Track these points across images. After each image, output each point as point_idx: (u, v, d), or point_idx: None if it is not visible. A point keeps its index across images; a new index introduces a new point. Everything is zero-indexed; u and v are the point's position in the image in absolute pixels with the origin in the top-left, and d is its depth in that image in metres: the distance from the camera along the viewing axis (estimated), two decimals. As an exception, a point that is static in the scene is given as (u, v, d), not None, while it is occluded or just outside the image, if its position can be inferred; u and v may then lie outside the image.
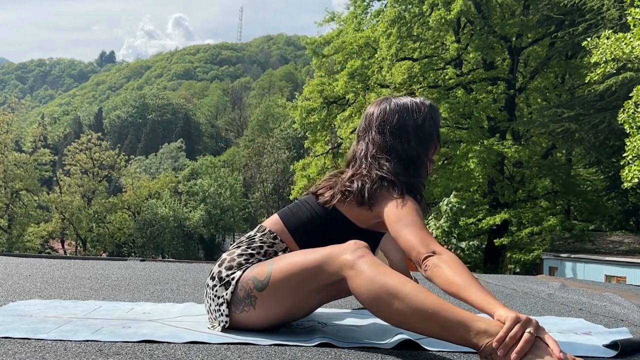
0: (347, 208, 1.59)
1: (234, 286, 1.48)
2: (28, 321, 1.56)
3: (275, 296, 1.45)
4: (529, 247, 17.90)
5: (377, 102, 1.71)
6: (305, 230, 1.60)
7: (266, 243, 1.59)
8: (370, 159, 1.61)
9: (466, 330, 1.20)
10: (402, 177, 1.56)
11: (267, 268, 1.48)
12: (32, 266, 3.50)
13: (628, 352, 1.42)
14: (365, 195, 1.54)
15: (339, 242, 1.55)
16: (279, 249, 1.59)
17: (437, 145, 1.69)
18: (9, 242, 28.24)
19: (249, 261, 1.54)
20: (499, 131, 18.24)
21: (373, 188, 1.54)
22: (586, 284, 3.66)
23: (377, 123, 1.64)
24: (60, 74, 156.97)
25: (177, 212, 35.83)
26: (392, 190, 1.53)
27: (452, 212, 14.46)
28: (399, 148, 1.60)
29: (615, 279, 14.62)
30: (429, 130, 1.65)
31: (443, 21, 17.42)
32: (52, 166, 32.49)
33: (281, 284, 1.45)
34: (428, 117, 1.65)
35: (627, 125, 10.02)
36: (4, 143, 28.26)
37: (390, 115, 1.63)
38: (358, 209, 1.57)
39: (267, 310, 1.47)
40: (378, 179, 1.55)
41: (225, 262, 1.56)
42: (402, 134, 1.61)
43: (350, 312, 1.99)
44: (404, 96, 1.71)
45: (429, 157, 1.66)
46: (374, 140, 1.63)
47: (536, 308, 2.38)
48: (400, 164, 1.58)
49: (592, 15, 15.16)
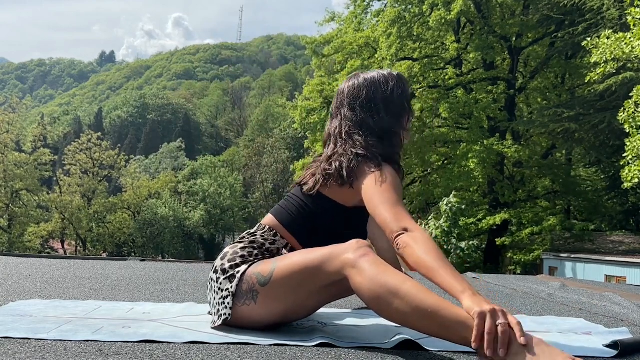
0: (331, 191, 1.61)
1: (238, 279, 1.50)
2: (28, 321, 1.56)
3: (277, 293, 1.46)
4: (529, 247, 17.90)
5: (347, 79, 1.73)
6: (298, 223, 1.63)
7: (268, 240, 1.61)
8: (344, 136, 1.63)
9: (466, 329, 1.21)
10: (376, 149, 1.58)
11: (271, 265, 1.49)
12: (32, 266, 3.50)
13: (628, 352, 1.42)
14: (344, 174, 1.56)
15: (332, 227, 1.59)
16: (280, 245, 1.61)
17: (409, 114, 1.71)
18: (9, 242, 28.24)
19: (252, 254, 1.56)
20: (499, 131, 18.24)
21: (350, 166, 1.56)
22: (586, 284, 3.66)
23: (348, 100, 1.66)
24: (60, 74, 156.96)
25: (177, 212, 35.83)
26: (369, 165, 1.55)
27: (452, 212, 14.47)
28: (370, 121, 1.62)
29: (615, 279, 14.63)
30: (398, 101, 1.66)
31: (443, 21, 17.42)
32: (52, 166, 32.48)
33: (283, 281, 1.46)
34: (396, 87, 1.67)
35: (627, 125, 10.02)
36: (4, 143, 28.25)
37: (360, 91, 1.65)
38: (341, 189, 1.59)
39: (268, 306, 1.48)
40: (354, 156, 1.57)
41: (228, 255, 1.57)
42: (372, 107, 1.63)
43: (350, 312, 1.99)
44: (373, 70, 1.73)
45: (403, 127, 1.69)
46: (346, 117, 1.65)
47: (536, 308, 2.38)
48: (373, 137, 1.60)
49: (592, 15, 15.16)
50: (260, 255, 1.57)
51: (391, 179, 1.51)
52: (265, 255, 1.58)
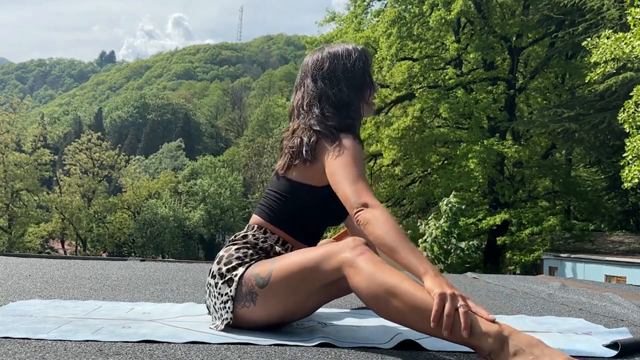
0: (299, 174, 1.61)
1: (237, 283, 1.49)
2: (28, 321, 1.56)
3: (276, 294, 1.46)
4: (529, 247, 17.90)
5: (312, 52, 1.74)
6: (281, 216, 1.62)
7: (259, 238, 1.61)
8: (305, 107, 1.64)
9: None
10: (333, 121, 1.59)
11: (269, 266, 1.49)
12: (32, 266, 3.50)
13: (628, 352, 1.42)
14: (304, 151, 1.57)
15: (312, 211, 1.59)
16: (272, 240, 1.61)
17: (371, 88, 1.70)
18: (9, 242, 28.23)
19: (247, 255, 1.56)
20: (499, 131, 18.24)
21: (310, 142, 1.57)
22: (586, 284, 3.66)
23: (311, 72, 1.67)
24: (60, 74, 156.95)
25: (177, 212, 35.82)
26: (327, 140, 1.55)
27: (452, 212, 14.44)
28: (330, 93, 1.62)
29: (615, 279, 14.63)
30: (359, 73, 1.66)
31: (443, 21, 17.42)
32: (52, 166, 32.48)
33: (282, 281, 1.45)
34: (358, 61, 1.67)
35: (627, 125, 10.01)
36: (4, 143, 28.25)
37: (322, 63, 1.66)
38: (307, 168, 1.59)
39: (267, 308, 1.48)
40: (312, 133, 1.58)
41: (223, 259, 1.57)
42: (332, 78, 1.64)
43: (350, 312, 1.99)
44: (338, 44, 1.73)
45: (364, 100, 1.68)
46: (308, 89, 1.66)
47: (536, 308, 2.38)
48: (331, 108, 1.61)
49: (592, 15, 15.16)
50: (255, 254, 1.57)
51: (350, 151, 1.51)
52: (260, 253, 1.57)
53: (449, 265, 14.16)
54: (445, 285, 1.24)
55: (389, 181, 20.57)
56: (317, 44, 21.23)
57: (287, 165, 1.62)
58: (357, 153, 1.52)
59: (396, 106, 20.20)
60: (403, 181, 21.04)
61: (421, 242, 14.98)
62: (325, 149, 1.54)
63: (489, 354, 1.19)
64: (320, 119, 1.59)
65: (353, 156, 1.50)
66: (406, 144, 18.28)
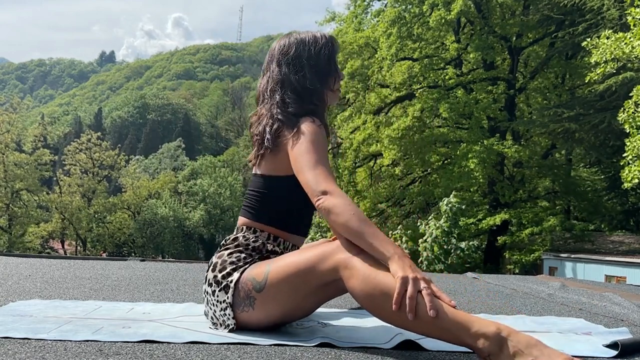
0: (268, 166, 1.61)
1: (233, 289, 1.49)
2: (28, 321, 1.56)
3: (273, 297, 1.45)
4: (529, 247, 17.89)
5: (280, 38, 1.73)
6: (265, 213, 1.61)
7: (250, 239, 1.60)
8: (269, 92, 1.64)
9: (462, 331, 1.21)
10: (293, 106, 1.59)
11: (265, 269, 1.48)
12: (32, 266, 3.50)
13: (628, 352, 1.42)
14: (266, 140, 1.57)
15: (292, 202, 1.58)
16: (263, 238, 1.60)
17: (336, 76, 1.69)
18: (9, 242, 28.23)
19: (240, 258, 1.55)
20: (499, 131, 18.23)
21: (272, 130, 1.57)
22: (586, 284, 3.66)
23: (277, 57, 1.67)
24: (60, 74, 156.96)
25: (177, 212, 35.82)
26: (287, 127, 1.55)
27: (452, 212, 14.43)
28: (293, 78, 1.62)
29: (615, 279, 14.62)
30: (324, 60, 1.65)
31: (443, 21, 17.42)
32: (52, 166, 32.47)
33: (278, 284, 1.45)
34: (324, 48, 1.66)
35: (627, 125, 10.01)
36: (4, 143, 28.25)
37: (288, 48, 1.66)
38: (274, 158, 1.59)
39: (266, 311, 1.47)
40: (275, 120, 1.57)
41: (217, 265, 1.55)
42: (297, 64, 1.63)
43: (350, 312, 1.99)
44: (307, 31, 1.72)
45: (328, 87, 1.67)
46: (272, 74, 1.66)
47: (536, 308, 2.37)
48: (293, 94, 1.60)
49: (592, 15, 15.16)
50: (248, 257, 1.56)
51: (309, 136, 1.50)
52: (252, 255, 1.56)
53: (449, 265, 14.15)
54: (409, 269, 1.26)
55: (389, 181, 20.57)
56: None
57: (257, 155, 1.62)
58: (316, 137, 1.51)
59: (396, 106, 20.20)
60: (403, 181, 21.03)
61: (421, 242, 14.98)
62: (284, 137, 1.55)
63: (488, 355, 1.19)
64: (281, 105, 1.59)
65: (311, 141, 1.50)
66: (406, 144, 18.28)
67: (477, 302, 2.50)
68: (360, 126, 19.43)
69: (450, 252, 14.36)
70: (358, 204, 19.53)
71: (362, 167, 20.43)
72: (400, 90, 19.51)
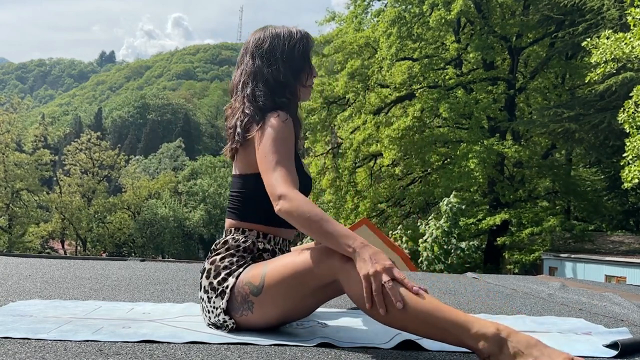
0: (243, 164, 1.62)
1: (229, 294, 1.48)
2: (28, 321, 1.56)
3: (271, 300, 1.45)
4: (529, 247, 17.89)
5: (256, 31, 1.73)
6: (248, 212, 1.60)
7: (239, 239, 1.59)
8: (242, 85, 1.64)
9: (463, 332, 1.21)
10: (263, 100, 1.58)
11: (261, 271, 1.47)
12: (32, 266, 3.50)
13: (628, 352, 1.42)
14: (237, 134, 1.58)
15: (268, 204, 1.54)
16: (253, 237, 1.59)
17: (309, 72, 1.68)
18: (9, 242, 28.24)
19: (233, 262, 1.54)
20: (499, 131, 18.24)
21: (243, 124, 1.57)
22: (586, 284, 3.66)
23: (251, 50, 1.66)
24: (60, 74, 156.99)
25: (177, 212, 35.84)
26: (254, 121, 1.56)
27: (452, 212, 14.44)
28: (265, 71, 1.62)
29: (615, 279, 14.62)
30: (298, 55, 1.65)
31: (443, 21, 17.42)
32: (52, 166, 32.48)
33: (275, 287, 1.44)
34: (299, 43, 1.66)
35: (627, 125, 10.01)
36: (4, 143, 28.24)
37: (263, 41, 1.65)
38: (246, 154, 1.60)
39: (265, 314, 1.47)
40: (244, 114, 1.57)
41: (211, 271, 1.55)
42: (270, 57, 1.63)
43: (350, 312, 1.98)
44: (283, 26, 1.71)
45: (301, 82, 1.66)
46: (246, 66, 1.66)
47: (536, 308, 2.37)
48: (265, 88, 1.60)
49: (592, 15, 15.16)
50: (241, 259, 1.55)
51: (272, 134, 1.50)
52: (244, 256, 1.56)
53: (449, 265, 14.16)
54: (369, 263, 1.27)
55: (389, 181, 20.57)
56: (318, 44, 21.26)
57: (231, 149, 1.63)
58: (279, 134, 1.50)
59: (396, 106, 20.20)
60: (403, 181, 21.03)
61: (421, 242, 14.98)
62: (252, 132, 1.55)
63: (488, 356, 1.18)
64: (251, 98, 1.59)
65: (274, 139, 1.49)
66: (406, 144, 18.29)
67: (477, 302, 2.49)
68: (360, 126, 19.43)
69: (450, 252, 14.36)
70: (358, 204, 19.55)
71: (362, 167, 20.44)
72: (400, 90, 19.52)
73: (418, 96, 18.99)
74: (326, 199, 20.61)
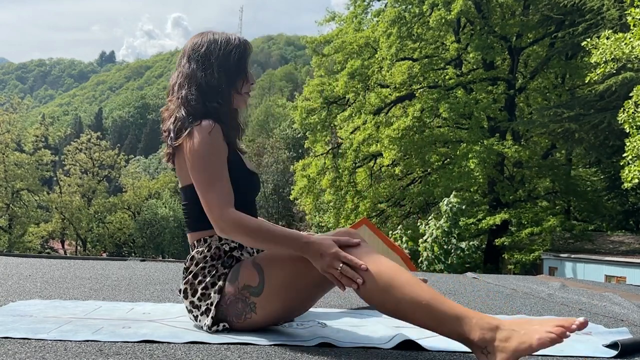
0: (180, 172, 1.62)
1: (214, 311, 1.49)
2: (28, 321, 1.56)
3: (274, 297, 1.46)
4: (529, 247, 17.89)
5: (195, 35, 1.72)
6: (202, 221, 1.57)
7: (204, 250, 1.57)
8: (177, 87, 1.64)
9: (459, 323, 1.22)
10: (194, 104, 1.58)
11: (255, 271, 1.48)
12: (32, 266, 3.50)
13: (628, 352, 1.42)
14: (169, 139, 1.58)
15: None
16: (215, 243, 1.58)
17: (245, 79, 1.67)
18: (9, 242, 28.23)
19: (206, 275, 1.53)
20: (499, 131, 18.24)
21: (175, 128, 1.57)
22: (586, 284, 3.66)
23: (188, 52, 1.66)
24: (60, 74, 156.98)
25: (177, 212, 35.79)
26: (184, 126, 1.55)
27: (452, 212, 14.45)
28: (199, 75, 1.61)
29: (615, 279, 14.62)
30: (234, 61, 1.64)
31: (443, 21, 17.42)
32: (53, 166, 32.47)
33: (276, 286, 1.45)
34: (236, 49, 1.65)
35: (627, 125, 10.02)
36: (5, 143, 28.24)
37: (200, 46, 1.65)
38: (180, 158, 1.60)
39: (268, 312, 1.48)
40: (177, 118, 1.57)
41: (189, 292, 1.55)
42: (205, 62, 1.62)
43: (350, 312, 1.98)
44: (223, 32, 1.71)
45: (236, 89, 1.65)
46: (182, 69, 1.65)
47: (536, 308, 2.37)
48: (197, 91, 1.60)
49: (592, 15, 15.16)
50: (212, 268, 1.54)
51: (198, 150, 1.51)
52: (214, 264, 1.54)
53: (449, 265, 14.17)
54: (318, 258, 1.36)
55: (389, 181, 20.57)
56: (318, 44, 21.26)
57: (167, 154, 1.64)
58: (206, 147, 1.51)
59: (396, 106, 20.20)
60: (403, 181, 21.03)
61: (421, 242, 14.99)
62: (181, 140, 1.55)
63: (485, 347, 1.19)
64: (184, 101, 1.59)
65: (201, 156, 1.51)
66: (406, 144, 18.28)
67: (477, 302, 2.50)
68: (360, 126, 19.43)
69: (451, 252, 14.37)
70: (358, 204, 19.55)
71: (362, 167, 20.43)
72: (400, 90, 19.52)
73: (418, 96, 18.99)
74: (326, 199, 20.61)
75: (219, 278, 1.52)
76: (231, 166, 1.57)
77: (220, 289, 1.50)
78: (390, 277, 1.29)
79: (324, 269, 1.35)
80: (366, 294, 1.33)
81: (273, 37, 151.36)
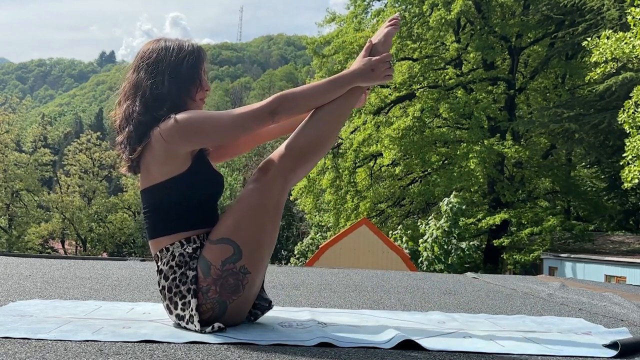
0: (145, 176, 1.63)
1: (197, 315, 1.49)
2: (28, 321, 1.56)
3: (253, 244, 1.52)
4: (528, 247, 17.89)
5: (148, 42, 1.70)
6: (167, 224, 1.57)
7: (168, 259, 1.55)
8: (122, 98, 1.62)
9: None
10: (139, 115, 1.55)
11: (221, 244, 1.50)
12: (32, 266, 3.50)
13: (628, 352, 1.42)
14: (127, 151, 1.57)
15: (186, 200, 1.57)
16: (179, 248, 1.55)
17: (200, 86, 1.64)
18: (9, 242, 28.23)
19: (178, 285, 1.52)
20: (499, 131, 18.23)
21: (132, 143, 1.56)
22: (586, 284, 3.66)
23: (138, 61, 1.63)
24: (60, 74, 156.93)
25: (177, 212, 35.87)
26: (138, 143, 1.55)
27: (452, 212, 14.46)
28: (144, 84, 1.58)
29: (615, 279, 14.62)
30: (186, 68, 1.61)
31: (443, 21, 17.41)
32: (52, 166, 32.47)
33: (246, 232, 1.51)
34: (188, 56, 1.63)
35: (627, 125, 10.02)
36: (4, 143, 28.23)
37: (151, 53, 1.62)
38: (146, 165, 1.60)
39: (259, 262, 1.53)
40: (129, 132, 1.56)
41: (171, 307, 1.54)
42: (154, 70, 1.59)
43: (350, 312, 1.99)
44: (176, 39, 1.68)
45: (190, 96, 1.62)
46: (130, 78, 1.63)
47: (536, 308, 2.38)
48: (141, 103, 1.57)
49: (592, 15, 15.16)
50: (183, 277, 1.52)
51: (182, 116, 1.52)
52: (184, 271, 1.52)
53: (449, 265, 14.17)
54: (370, 72, 1.62)
55: (389, 181, 20.57)
56: (318, 45, 21.26)
57: (128, 167, 1.62)
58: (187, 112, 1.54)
59: (396, 106, 20.20)
60: (403, 181, 21.02)
61: (421, 242, 15.00)
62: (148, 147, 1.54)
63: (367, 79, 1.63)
64: (131, 112, 1.57)
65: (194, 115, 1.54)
66: (406, 144, 18.27)
67: (477, 302, 2.50)
68: (360, 126, 19.43)
69: (451, 252, 14.37)
70: (358, 204, 19.56)
71: (362, 167, 20.42)
72: (400, 90, 19.51)
73: (418, 96, 18.98)
74: (326, 199, 20.60)
75: (192, 282, 1.51)
76: (197, 158, 1.57)
77: (195, 292, 1.50)
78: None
79: (380, 78, 1.62)
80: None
81: (273, 37, 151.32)
